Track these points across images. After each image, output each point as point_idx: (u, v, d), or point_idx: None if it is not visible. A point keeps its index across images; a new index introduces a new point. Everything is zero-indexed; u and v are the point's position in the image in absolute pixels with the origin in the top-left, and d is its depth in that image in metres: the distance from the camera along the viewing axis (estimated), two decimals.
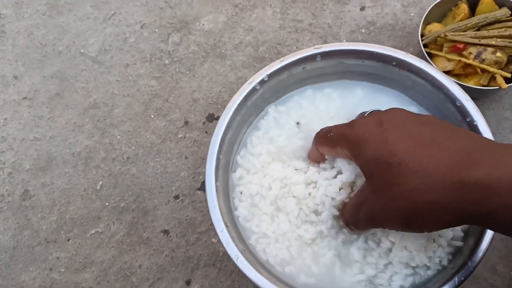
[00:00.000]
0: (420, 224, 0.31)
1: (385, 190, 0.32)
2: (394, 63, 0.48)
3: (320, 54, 0.49)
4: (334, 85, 0.52)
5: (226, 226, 0.44)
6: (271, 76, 0.49)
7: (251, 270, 0.42)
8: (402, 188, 0.30)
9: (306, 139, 0.49)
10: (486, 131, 0.43)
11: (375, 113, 0.37)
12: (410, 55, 0.47)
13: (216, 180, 0.46)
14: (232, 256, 0.42)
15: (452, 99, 0.45)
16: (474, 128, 0.44)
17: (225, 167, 0.48)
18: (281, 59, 0.49)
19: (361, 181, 0.41)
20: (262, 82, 0.49)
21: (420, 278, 0.42)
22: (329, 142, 0.39)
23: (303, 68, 0.50)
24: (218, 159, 0.47)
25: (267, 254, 0.45)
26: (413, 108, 0.50)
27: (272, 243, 0.45)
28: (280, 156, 0.48)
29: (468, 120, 0.44)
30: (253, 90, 0.49)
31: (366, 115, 0.43)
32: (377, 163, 0.32)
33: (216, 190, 0.45)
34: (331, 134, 0.39)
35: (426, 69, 0.46)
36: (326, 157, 0.43)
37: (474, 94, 0.56)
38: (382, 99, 0.51)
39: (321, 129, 0.43)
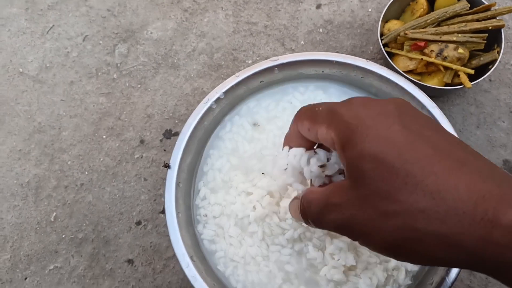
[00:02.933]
0: (413, 257, 0.25)
1: (378, 202, 0.24)
2: (355, 72, 0.45)
3: (277, 66, 0.46)
4: (294, 87, 0.49)
5: (192, 260, 0.41)
6: (227, 93, 0.46)
7: None
8: (404, 206, 0.23)
9: (267, 140, 0.46)
10: None
11: (383, 99, 0.28)
12: (370, 62, 0.44)
13: (177, 211, 0.43)
14: None
15: (418, 105, 0.43)
16: None
17: (187, 192, 0.45)
18: (237, 74, 0.46)
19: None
20: (218, 100, 0.46)
21: None
22: (314, 118, 0.30)
23: (260, 82, 0.47)
24: (177, 187, 0.43)
25: (237, 280, 0.43)
26: None
27: (240, 267, 0.43)
28: (243, 164, 0.46)
29: None
30: (209, 110, 0.46)
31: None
32: (375, 163, 0.24)
33: (178, 222, 0.42)
34: (320, 108, 0.30)
35: (389, 77, 0.44)
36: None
37: (439, 93, 0.55)
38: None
39: (306, 105, 0.33)
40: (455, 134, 0.42)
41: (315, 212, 0.29)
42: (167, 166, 0.43)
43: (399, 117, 0.26)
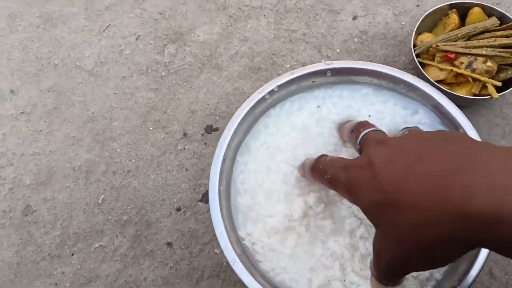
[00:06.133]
0: (439, 259, 0.29)
1: (392, 233, 0.29)
2: (402, 85, 0.49)
3: (330, 70, 0.50)
4: (343, 88, 0.52)
5: (226, 229, 0.45)
6: (281, 87, 0.50)
7: (247, 275, 0.43)
8: (405, 227, 0.28)
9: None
10: None
11: (365, 153, 0.35)
12: (417, 78, 0.48)
13: (220, 185, 0.47)
14: (229, 259, 0.44)
15: (456, 126, 0.46)
16: None
17: (229, 169, 0.49)
18: (292, 71, 0.50)
19: None
20: (271, 92, 0.50)
21: None
22: (327, 184, 0.37)
23: (312, 82, 0.51)
24: (223, 163, 0.48)
25: (263, 261, 0.47)
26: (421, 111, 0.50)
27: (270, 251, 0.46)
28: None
29: None
30: (262, 99, 0.50)
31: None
32: (375, 207, 0.30)
33: (219, 194, 0.46)
34: (328, 176, 0.37)
35: (433, 95, 0.47)
36: None
37: (466, 103, 0.58)
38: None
39: (316, 161, 0.40)
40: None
41: (374, 269, 0.33)
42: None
43: (375, 162, 0.31)
